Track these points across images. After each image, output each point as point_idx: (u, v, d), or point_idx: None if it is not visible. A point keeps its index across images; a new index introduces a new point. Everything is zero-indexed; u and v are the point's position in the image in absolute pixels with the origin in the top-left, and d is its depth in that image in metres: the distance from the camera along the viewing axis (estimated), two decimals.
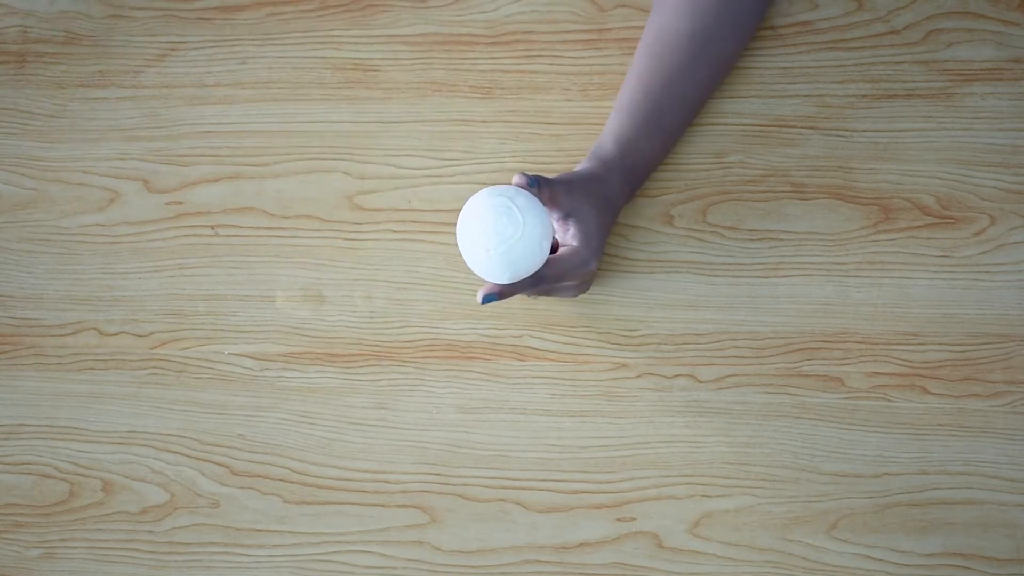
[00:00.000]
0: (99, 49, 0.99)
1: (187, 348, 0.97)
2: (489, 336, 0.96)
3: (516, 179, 0.83)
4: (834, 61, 0.96)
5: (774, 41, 0.96)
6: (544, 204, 0.85)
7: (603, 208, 0.88)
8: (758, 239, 0.95)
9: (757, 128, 0.96)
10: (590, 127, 0.96)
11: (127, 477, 0.97)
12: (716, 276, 0.95)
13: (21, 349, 0.98)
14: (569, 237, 0.87)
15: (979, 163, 0.95)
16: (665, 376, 0.95)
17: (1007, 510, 0.93)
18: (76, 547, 0.97)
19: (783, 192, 0.95)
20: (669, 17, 0.91)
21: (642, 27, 0.96)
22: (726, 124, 0.96)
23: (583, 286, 0.91)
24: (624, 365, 0.95)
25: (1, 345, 0.98)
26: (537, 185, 0.83)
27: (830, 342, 0.94)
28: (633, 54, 0.96)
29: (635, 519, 0.94)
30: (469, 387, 0.96)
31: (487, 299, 0.84)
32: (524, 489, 0.95)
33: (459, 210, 0.95)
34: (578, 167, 0.91)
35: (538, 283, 0.84)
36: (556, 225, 0.88)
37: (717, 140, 0.96)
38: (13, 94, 1.00)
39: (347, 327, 0.97)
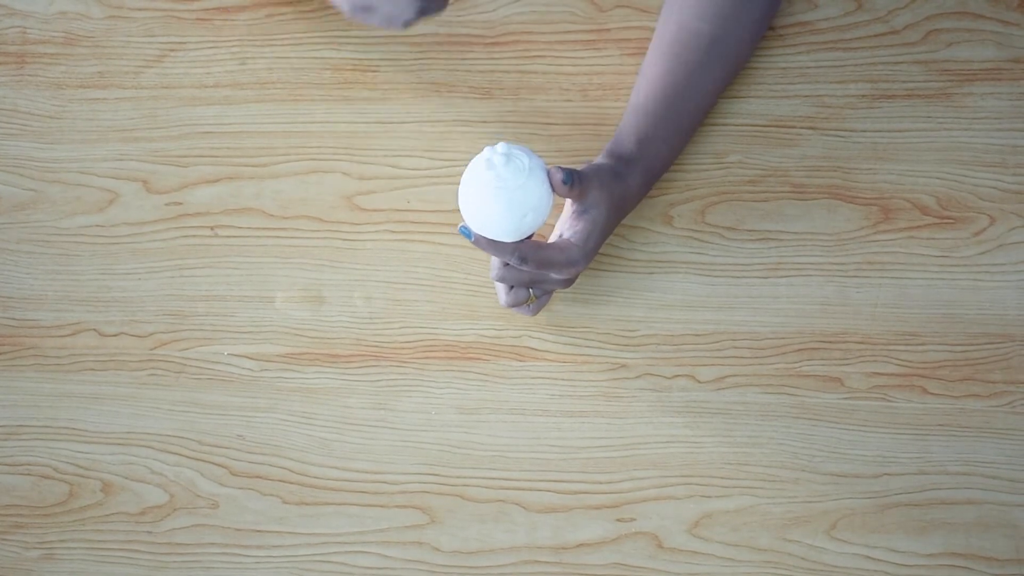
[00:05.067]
0: (98, 50, 0.99)
1: (186, 349, 0.97)
2: (488, 336, 0.96)
3: (555, 174, 0.83)
4: (833, 61, 0.96)
5: (774, 41, 0.96)
6: (573, 199, 0.85)
7: (615, 209, 0.88)
8: (757, 239, 0.95)
9: (756, 128, 0.96)
10: (590, 127, 0.96)
11: (126, 478, 0.97)
12: (716, 276, 0.95)
13: (21, 350, 0.98)
14: (573, 232, 0.87)
15: (978, 163, 0.95)
16: (664, 376, 0.95)
17: (1007, 510, 0.93)
18: (75, 548, 0.97)
19: (782, 192, 0.95)
20: (690, 18, 0.91)
21: (642, 27, 0.96)
22: (725, 124, 0.96)
23: (568, 282, 0.90)
24: (623, 365, 0.95)
25: (1, 346, 0.98)
26: (571, 182, 0.83)
27: (830, 342, 0.94)
28: (633, 53, 0.96)
29: (635, 519, 0.94)
30: (468, 388, 0.96)
31: (463, 230, 0.84)
32: (523, 489, 0.95)
33: (459, 210, 0.95)
34: (596, 161, 0.90)
35: (523, 260, 0.84)
36: (570, 218, 0.87)
37: (716, 140, 0.96)
38: (12, 95, 1.00)
39: (346, 328, 0.97)
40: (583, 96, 0.97)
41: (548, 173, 0.83)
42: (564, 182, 0.83)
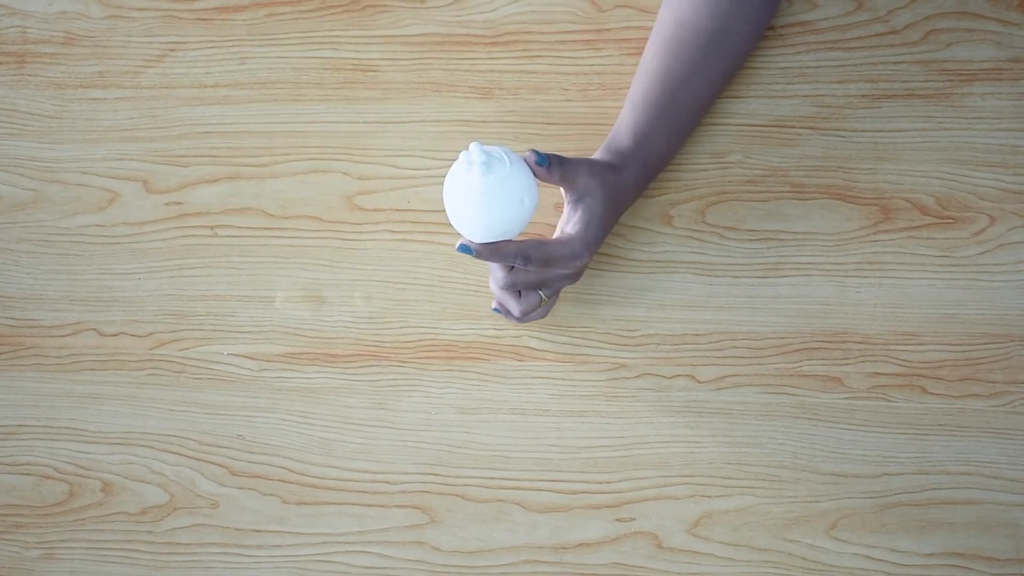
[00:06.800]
0: (98, 50, 0.99)
1: (186, 348, 0.97)
2: (488, 336, 0.96)
3: (527, 155, 0.84)
4: (833, 61, 0.96)
5: (774, 41, 0.96)
6: (557, 184, 0.86)
7: (612, 201, 0.88)
8: (757, 239, 0.95)
9: (756, 128, 0.96)
10: (590, 127, 0.96)
11: (126, 477, 0.97)
12: (715, 276, 0.95)
13: (21, 350, 0.98)
14: (571, 224, 0.87)
15: (978, 163, 0.95)
16: (664, 376, 0.95)
17: (1007, 510, 0.93)
18: (76, 548, 0.97)
19: (782, 192, 0.95)
20: (688, 13, 0.91)
21: (642, 27, 0.96)
22: (725, 124, 0.96)
23: (575, 276, 0.90)
24: (623, 365, 0.95)
25: (1, 345, 0.98)
26: (548, 164, 0.84)
27: (829, 342, 0.94)
28: (633, 53, 0.96)
29: (634, 519, 0.94)
30: (468, 387, 0.96)
31: (462, 248, 0.84)
32: (523, 489, 0.95)
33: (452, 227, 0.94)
34: (593, 156, 0.90)
35: (527, 260, 0.84)
36: (565, 208, 0.87)
37: (716, 140, 0.96)
38: (12, 95, 1.00)
39: (346, 327, 0.97)
40: (583, 96, 0.97)
41: (524, 159, 0.84)
42: (539, 163, 0.84)
